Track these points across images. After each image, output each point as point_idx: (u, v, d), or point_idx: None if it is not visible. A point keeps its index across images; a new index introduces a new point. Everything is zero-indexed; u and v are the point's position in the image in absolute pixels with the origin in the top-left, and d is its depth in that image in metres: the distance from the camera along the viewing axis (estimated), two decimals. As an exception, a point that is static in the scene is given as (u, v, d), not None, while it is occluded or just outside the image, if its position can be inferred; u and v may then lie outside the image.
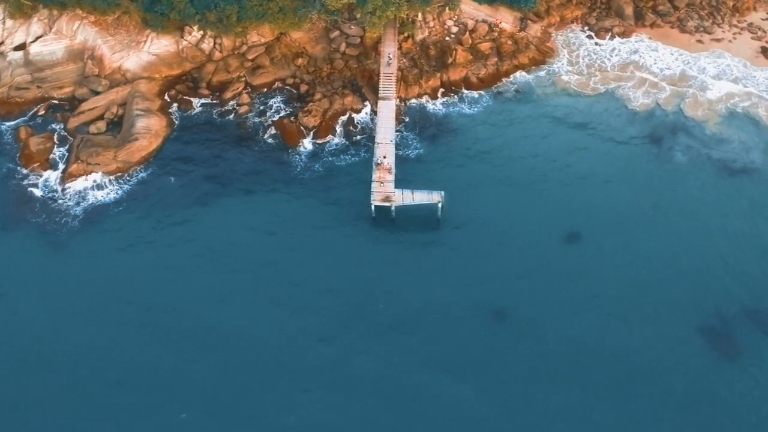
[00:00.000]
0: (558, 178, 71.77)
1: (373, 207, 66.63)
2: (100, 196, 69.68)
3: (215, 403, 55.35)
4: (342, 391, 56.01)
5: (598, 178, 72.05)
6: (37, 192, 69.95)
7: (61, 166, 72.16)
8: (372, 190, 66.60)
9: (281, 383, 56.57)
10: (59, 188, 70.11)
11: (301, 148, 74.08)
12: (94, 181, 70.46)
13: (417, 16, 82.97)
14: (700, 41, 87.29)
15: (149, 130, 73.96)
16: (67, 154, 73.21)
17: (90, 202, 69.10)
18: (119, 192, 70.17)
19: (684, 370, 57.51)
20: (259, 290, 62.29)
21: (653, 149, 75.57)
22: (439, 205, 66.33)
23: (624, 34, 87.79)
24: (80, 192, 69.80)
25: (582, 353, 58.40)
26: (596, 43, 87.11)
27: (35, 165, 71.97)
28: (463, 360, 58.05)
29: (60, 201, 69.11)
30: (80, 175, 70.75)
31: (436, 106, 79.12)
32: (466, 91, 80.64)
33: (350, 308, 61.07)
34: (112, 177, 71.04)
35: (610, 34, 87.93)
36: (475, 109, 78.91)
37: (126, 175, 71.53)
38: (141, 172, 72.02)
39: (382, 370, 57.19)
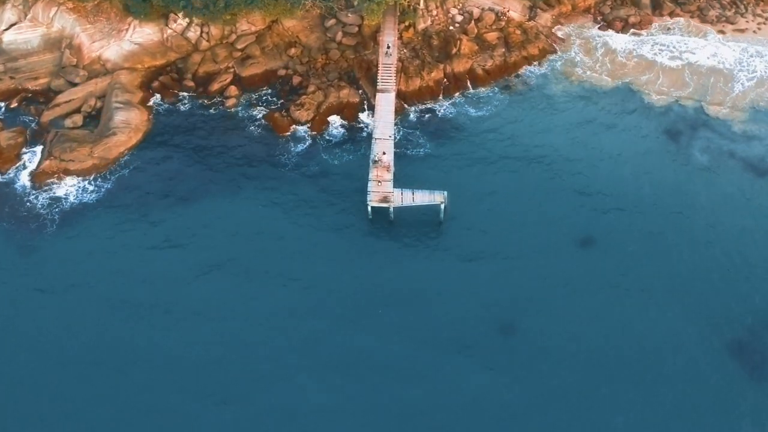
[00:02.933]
0: (571, 177, 66.95)
1: (369, 208, 62.37)
2: (75, 195, 64.60)
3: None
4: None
5: (614, 178, 67.22)
6: (7, 192, 64.61)
7: (33, 164, 67.07)
8: (369, 189, 62.41)
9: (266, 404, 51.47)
10: (30, 188, 64.99)
11: (293, 145, 69.34)
12: (69, 180, 65.34)
13: (419, 4, 78.55)
14: (722, 32, 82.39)
15: (129, 124, 69.06)
16: (40, 150, 68.04)
17: (63, 201, 64.01)
18: (95, 191, 65.12)
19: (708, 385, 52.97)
20: (242, 303, 57.44)
21: (672, 146, 70.89)
22: (442, 206, 62.12)
23: (640, 24, 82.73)
24: (53, 192, 64.73)
25: (595, 368, 53.83)
26: (610, 34, 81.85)
27: (5, 162, 66.67)
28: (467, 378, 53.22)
29: (31, 202, 64.00)
30: (53, 173, 65.80)
31: (438, 99, 74.31)
32: (471, 84, 76.01)
33: (343, 323, 56.29)
34: (87, 175, 65.92)
35: (625, 24, 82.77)
36: (481, 103, 74.18)
37: (103, 172, 66.45)
38: (120, 169, 67.04)
39: (376, 388, 52.51)
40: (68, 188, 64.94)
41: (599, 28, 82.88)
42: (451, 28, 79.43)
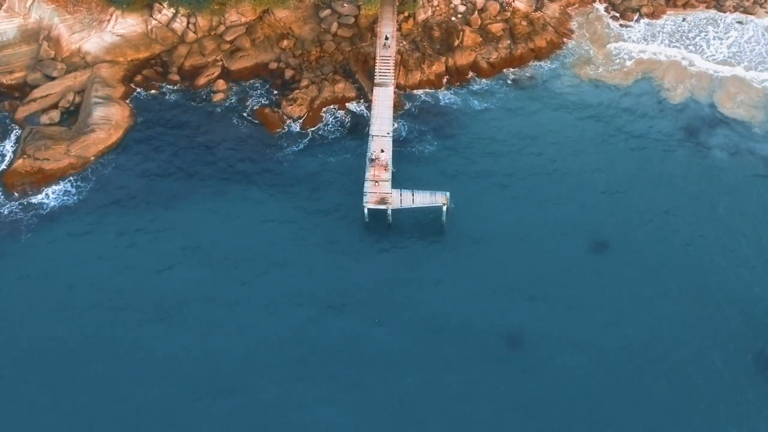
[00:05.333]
0: (583, 177, 63.23)
1: (366, 210, 58.76)
2: (49, 196, 60.60)
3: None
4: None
5: (628, 180, 63.47)
6: (-24, 195, 61.08)
7: (5, 162, 63.19)
8: (365, 190, 58.92)
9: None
10: (1, 188, 60.96)
11: (284, 142, 65.50)
12: (43, 180, 61.28)
13: (419, -7, 74.83)
14: (740, 22, 78.55)
15: (109, 120, 65.08)
16: (13, 148, 64.06)
17: (35, 203, 59.93)
18: (71, 192, 61.06)
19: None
20: (229, 313, 53.84)
21: (689, 145, 67.02)
22: (444, 208, 58.72)
23: (653, 15, 78.92)
24: (25, 192, 60.65)
25: (606, 388, 50.32)
26: (622, 25, 77.86)
27: (-25, 161, 63.15)
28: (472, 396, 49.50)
29: (1, 203, 59.94)
30: (26, 173, 61.81)
31: (440, 94, 70.49)
32: (474, 78, 72.25)
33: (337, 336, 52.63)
34: (64, 174, 61.96)
35: (637, 15, 79.07)
36: (485, 98, 70.27)
37: (81, 171, 62.43)
38: (98, 168, 63.00)
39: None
40: (42, 189, 60.91)
41: (610, 18, 78.80)
42: (453, 18, 75.69)
